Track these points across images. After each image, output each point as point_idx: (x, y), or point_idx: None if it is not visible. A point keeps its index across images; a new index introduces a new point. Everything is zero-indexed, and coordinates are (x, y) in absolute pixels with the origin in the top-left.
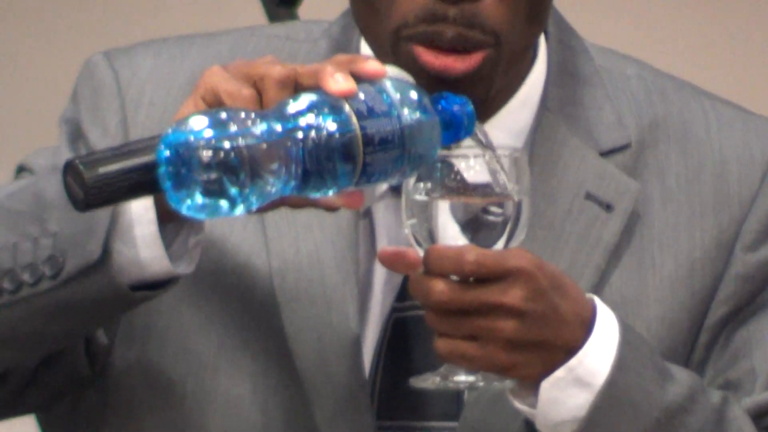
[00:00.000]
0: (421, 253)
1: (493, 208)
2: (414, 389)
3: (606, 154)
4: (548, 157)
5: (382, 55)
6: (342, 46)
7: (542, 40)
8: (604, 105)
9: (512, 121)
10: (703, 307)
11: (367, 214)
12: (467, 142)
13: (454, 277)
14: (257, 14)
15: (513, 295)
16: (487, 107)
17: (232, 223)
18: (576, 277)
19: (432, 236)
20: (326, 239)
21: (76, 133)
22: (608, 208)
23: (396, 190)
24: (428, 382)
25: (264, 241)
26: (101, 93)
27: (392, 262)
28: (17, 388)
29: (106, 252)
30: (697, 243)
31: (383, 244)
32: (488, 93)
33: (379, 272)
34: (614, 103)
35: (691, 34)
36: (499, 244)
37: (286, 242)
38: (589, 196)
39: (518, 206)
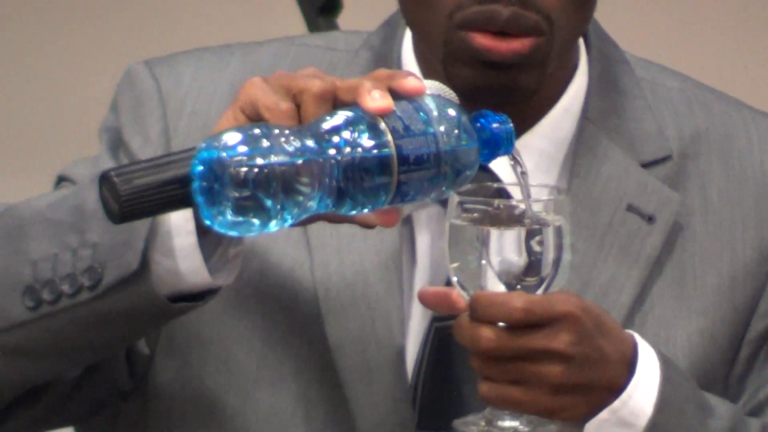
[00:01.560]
0: (463, 294)
1: (536, 245)
2: (455, 399)
3: (647, 165)
4: (590, 169)
5: (432, 48)
6: (383, 56)
7: (583, 51)
8: (645, 116)
9: (554, 130)
10: (744, 320)
11: (408, 221)
12: (506, 174)
13: (501, 324)
14: (297, 23)
15: (560, 341)
16: (531, 114)
17: (276, 233)
18: (617, 289)
19: (479, 277)
20: (369, 249)
21: (117, 142)
22: (650, 220)
23: None
24: (472, 427)
25: (307, 252)
26: (143, 101)
27: (434, 303)
28: (58, 400)
29: (145, 263)
30: (738, 256)
31: (424, 253)
32: (540, 81)
33: (420, 281)
34: (655, 115)
35: (722, 47)
36: (542, 286)
37: (330, 252)
38: (630, 208)
39: (559, 232)
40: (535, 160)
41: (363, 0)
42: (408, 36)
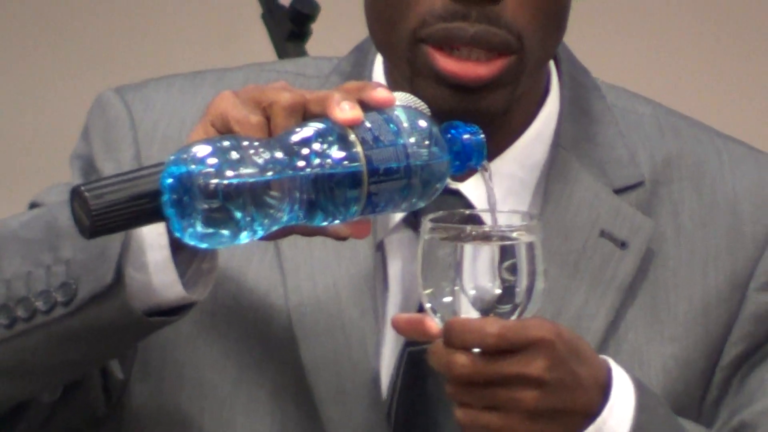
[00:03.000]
0: (437, 320)
1: (509, 274)
2: (429, 423)
3: (620, 191)
4: (562, 195)
5: (398, 64)
6: (353, 80)
7: (554, 77)
8: (616, 142)
9: (526, 156)
10: (717, 346)
11: (380, 247)
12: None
13: (476, 349)
14: (265, 50)
15: (535, 366)
16: (502, 138)
17: (250, 257)
18: (590, 315)
19: (453, 303)
20: (343, 273)
21: (89, 169)
22: (623, 245)
23: (408, 222)
24: None
25: (281, 277)
26: (114, 127)
27: (408, 330)
28: (34, 425)
29: (119, 277)
30: (711, 282)
31: (396, 278)
32: (509, 102)
33: (392, 305)
34: (627, 141)
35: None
36: (517, 312)
37: (303, 277)
38: (603, 234)
39: (531, 250)
40: (507, 186)
41: (331, 26)
42: (379, 61)
